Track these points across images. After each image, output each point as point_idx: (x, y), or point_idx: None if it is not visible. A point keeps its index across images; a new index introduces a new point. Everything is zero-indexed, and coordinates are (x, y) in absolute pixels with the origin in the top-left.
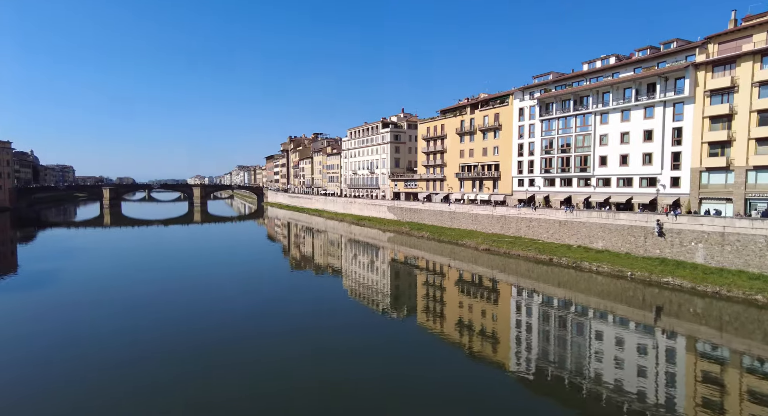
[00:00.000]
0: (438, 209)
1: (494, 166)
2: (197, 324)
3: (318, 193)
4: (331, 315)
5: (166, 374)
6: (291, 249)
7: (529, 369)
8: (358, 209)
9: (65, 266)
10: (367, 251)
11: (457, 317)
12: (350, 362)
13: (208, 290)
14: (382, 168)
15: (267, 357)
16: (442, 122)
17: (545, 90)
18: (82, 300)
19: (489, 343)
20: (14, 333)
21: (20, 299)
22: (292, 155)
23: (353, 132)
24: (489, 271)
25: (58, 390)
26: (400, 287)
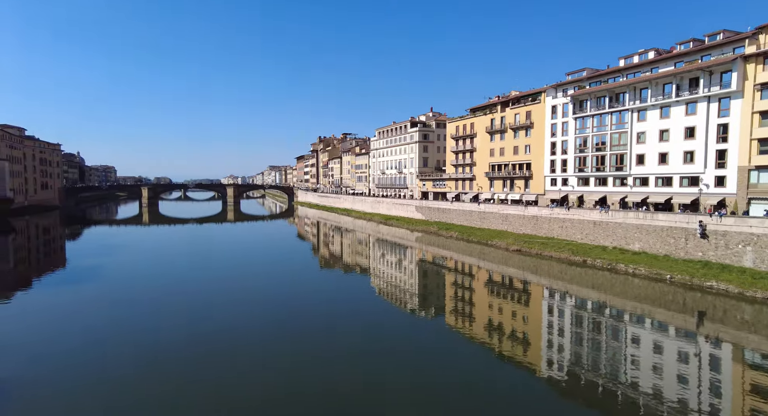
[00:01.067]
0: (467, 209)
1: (526, 165)
2: (228, 322)
3: (346, 192)
4: (359, 314)
5: (195, 372)
6: (320, 247)
7: (561, 373)
8: (386, 209)
9: (108, 262)
10: (394, 250)
11: (486, 318)
12: (377, 361)
13: (238, 288)
14: (410, 167)
15: (295, 355)
16: (471, 121)
17: (579, 87)
18: (122, 296)
19: (519, 345)
20: (58, 327)
21: (67, 293)
22: (322, 155)
23: (381, 132)
24: (520, 273)
25: (90, 384)
26: (428, 287)
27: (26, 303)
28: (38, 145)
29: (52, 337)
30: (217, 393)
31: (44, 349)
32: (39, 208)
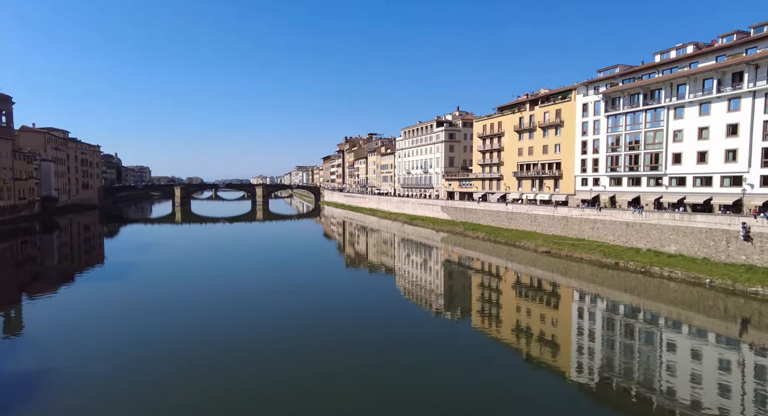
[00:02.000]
0: (494, 209)
1: (555, 165)
2: (256, 320)
3: (372, 192)
4: (384, 314)
5: (220, 370)
6: (346, 247)
7: (592, 378)
8: (411, 208)
9: (143, 260)
10: (420, 251)
11: (514, 320)
12: (402, 363)
13: (266, 287)
14: (436, 167)
15: (321, 356)
16: (499, 119)
17: (611, 84)
18: (155, 292)
19: (548, 349)
20: (97, 320)
21: (105, 288)
22: (348, 155)
23: (407, 131)
24: (549, 274)
25: (125, 374)
26: (454, 288)
27: (69, 297)
28: (80, 146)
29: (91, 330)
30: (241, 388)
31: (84, 341)
32: (80, 206)
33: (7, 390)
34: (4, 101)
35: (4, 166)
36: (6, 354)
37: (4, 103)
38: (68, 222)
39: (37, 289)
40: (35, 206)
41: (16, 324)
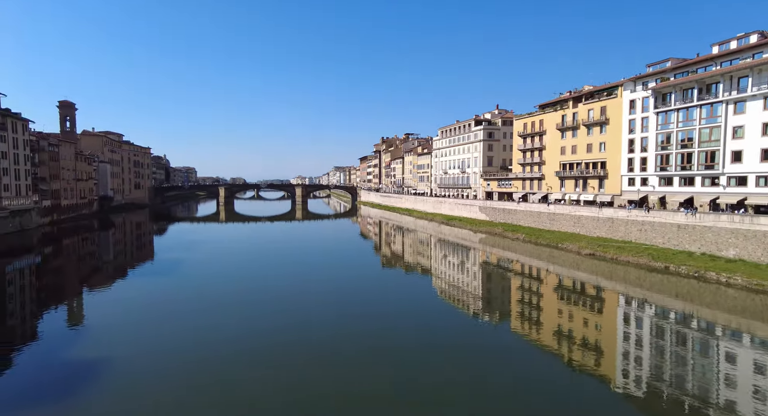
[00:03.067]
0: (535, 210)
1: (600, 164)
2: (295, 317)
3: (408, 192)
4: (421, 315)
5: (257, 363)
6: (382, 247)
7: (639, 388)
8: (448, 209)
9: (189, 256)
10: (457, 252)
11: (555, 325)
12: (440, 365)
13: (305, 285)
14: (474, 167)
15: (356, 356)
16: (540, 117)
17: (662, 79)
18: (201, 288)
19: (591, 355)
20: (148, 314)
21: (155, 283)
22: (384, 155)
23: (444, 131)
24: (593, 278)
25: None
26: (493, 290)
27: (122, 291)
28: (133, 149)
29: (141, 322)
30: (274, 391)
31: (135, 331)
32: (132, 205)
33: (70, 376)
34: (68, 107)
35: (67, 167)
36: (70, 342)
37: (68, 109)
38: (122, 221)
39: (96, 283)
40: (93, 205)
41: (78, 314)
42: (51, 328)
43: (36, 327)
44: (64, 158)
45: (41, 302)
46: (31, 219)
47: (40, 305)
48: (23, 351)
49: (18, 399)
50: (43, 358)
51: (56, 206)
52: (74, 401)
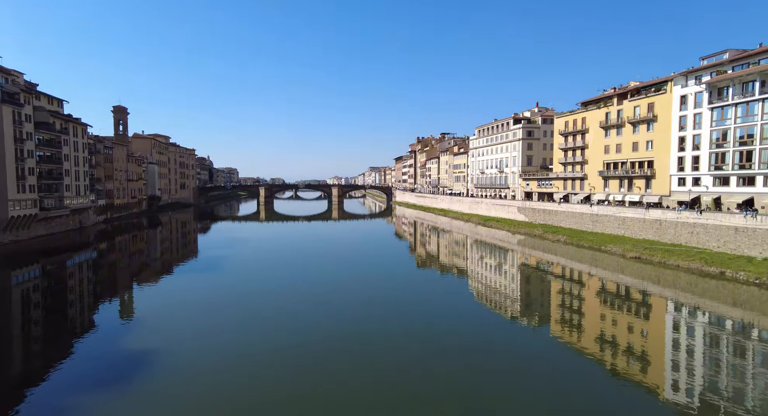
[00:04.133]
0: (577, 211)
1: (647, 163)
2: (328, 316)
3: (444, 192)
4: (456, 317)
5: (290, 366)
6: (417, 247)
7: (691, 400)
8: (485, 209)
9: (232, 254)
10: (494, 253)
11: (597, 330)
12: (479, 370)
13: (339, 284)
14: (513, 166)
15: (392, 358)
16: (582, 115)
17: (718, 72)
18: (242, 285)
19: (637, 363)
20: (192, 309)
21: (199, 280)
22: (419, 155)
23: (481, 130)
24: (638, 282)
25: (216, 358)
26: (531, 293)
27: (169, 287)
28: (179, 150)
29: (186, 316)
30: (305, 392)
31: (180, 327)
32: (178, 204)
33: (121, 365)
34: (121, 112)
35: (120, 168)
36: (122, 333)
37: (121, 114)
38: (168, 219)
39: (145, 278)
40: (143, 204)
41: (129, 308)
42: (106, 320)
43: (93, 318)
44: (117, 160)
45: (97, 295)
46: (88, 217)
47: (96, 297)
48: (83, 339)
49: (78, 383)
50: (99, 347)
51: (110, 205)
52: (124, 388)
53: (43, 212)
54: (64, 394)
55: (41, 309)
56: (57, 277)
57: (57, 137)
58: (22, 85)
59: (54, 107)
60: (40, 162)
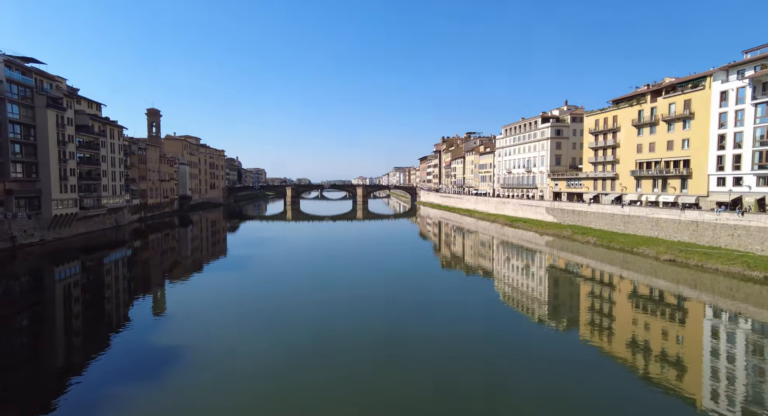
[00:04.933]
0: (608, 211)
1: (683, 162)
2: (352, 317)
3: (469, 192)
4: (482, 318)
5: (314, 365)
6: (441, 247)
7: (733, 411)
8: (512, 210)
9: (259, 253)
10: (521, 255)
11: (629, 335)
12: (506, 374)
13: (363, 284)
14: (541, 166)
15: (416, 361)
16: (614, 113)
17: (762, 66)
18: (270, 283)
19: (672, 370)
20: (222, 306)
21: (228, 277)
22: (444, 155)
23: (508, 129)
24: (673, 286)
25: (246, 353)
26: (560, 296)
27: (199, 284)
28: (209, 151)
29: (215, 313)
30: (329, 395)
31: (210, 321)
32: (208, 204)
33: (153, 359)
34: (155, 114)
35: (153, 169)
36: (154, 329)
37: (155, 116)
38: (199, 218)
39: (176, 275)
40: (174, 203)
41: (161, 304)
42: (139, 315)
43: (128, 313)
44: (150, 161)
45: (131, 291)
46: (123, 216)
47: (131, 293)
48: (119, 334)
49: (114, 375)
50: (133, 342)
51: (144, 204)
52: (155, 382)
53: (83, 211)
54: (102, 385)
55: (81, 303)
56: (95, 274)
57: (95, 139)
58: (64, 90)
59: (93, 110)
60: (80, 163)
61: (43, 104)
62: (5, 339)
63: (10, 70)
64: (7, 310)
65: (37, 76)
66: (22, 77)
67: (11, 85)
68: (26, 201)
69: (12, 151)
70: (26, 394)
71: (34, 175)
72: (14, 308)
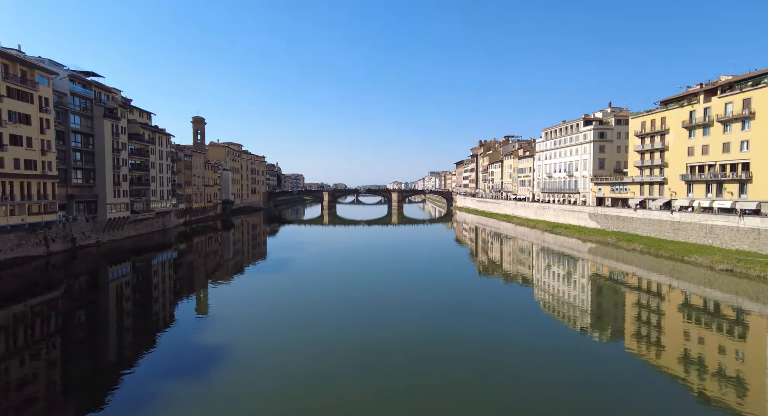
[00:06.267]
0: (655, 218)
1: (740, 165)
2: (388, 323)
3: (507, 197)
4: (521, 326)
5: (351, 368)
6: (478, 253)
7: None
8: (552, 215)
9: (298, 256)
10: (562, 262)
11: (681, 349)
12: (546, 381)
13: (399, 289)
14: (583, 170)
15: (454, 365)
16: (662, 115)
17: None
18: (307, 287)
19: (731, 388)
20: (262, 307)
21: (268, 279)
22: (481, 159)
23: (548, 132)
24: (731, 298)
25: (286, 354)
26: (604, 305)
27: (240, 286)
28: (250, 157)
29: (256, 313)
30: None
31: (251, 322)
32: (249, 208)
33: (196, 358)
34: (200, 122)
35: (198, 175)
36: (198, 328)
37: (199, 124)
38: (240, 222)
39: (219, 277)
40: (217, 208)
41: (204, 304)
42: (184, 315)
43: (173, 312)
44: (195, 167)
45: (177, 291)
46: (170, 219)
47: (176, 294)
48: (165, 332)
49: (161, 372)
50: (178, 340)
51: (189, 208)
52: (198, 379)
53: (134, 215)
54: (150, 381)
55: (131, 302)
56: (144, 274)
57: (146, 147)
58: (119, 100)
59: (144, 119)
60: (131, 169)
61: (101, 115)
62: (67, 335)
63: (74, 84)
64: (69, 306)
65: (96, 89)
66: (84, 90)
67: (74, 97)
68: (84, 205)
69: (74, 158)
70: (83, 387)
71: (92, 181)
72: (74, 305)
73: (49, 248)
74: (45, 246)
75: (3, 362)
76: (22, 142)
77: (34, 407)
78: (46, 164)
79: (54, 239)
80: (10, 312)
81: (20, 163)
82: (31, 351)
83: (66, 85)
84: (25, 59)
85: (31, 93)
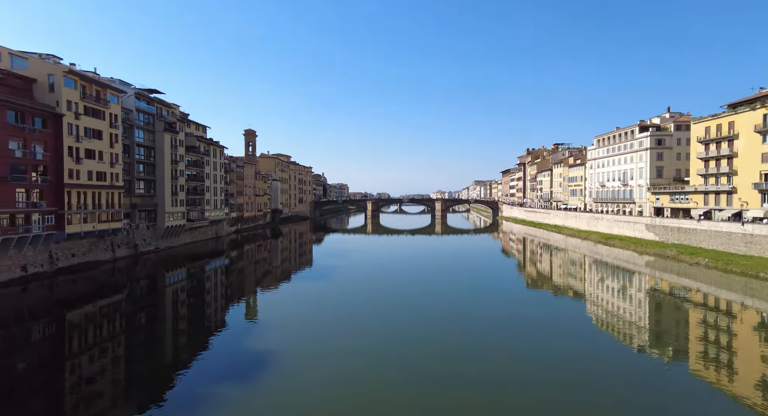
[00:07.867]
0: (723, 230)
1: None
2: (432, 334)
3: (557, 207)
4: (574, 342)
5: (396, 378)
6: (527, 265)
7: None
8: (606, 226)
9: (342, 264)
10: (617, 275)
11: (755, 374)
12: (602, 401)
13: (445, 301)
14: (639, 179)
15: (504, 382)
16: (730, 119)
17: None
18: (351, 294)
19: None
20: (308, 314)
21: (314, 287)
22: (529, 168)
23: (601, 139)
24: None
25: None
26: (663, 322)
27: (287, 292)
28: (298, 168)
29: (302, 322)
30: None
31: (297, 327)
32: (297, 217)
33: (245, 363)
34: (251, 135)
35: (249, 185)
36: (247, 333)
37: (251, 136)
38: (288, 231)
39: (267, 284)
40: (267, 217)
41: (254, 310)
42: (234, 320)
43: (224, 317)
44: (247, 177)
45: (228, 297)
46: (223, 228)
47: (227, 299)
48: (216, 336)
49: (212, 374)
50: (229, 344)
51: (240, 217)
52: (246, 383)
53: (189, 223)
54: (202, 383)
55: (186, 307)
56: (198, 280)
57: (201, 158)
58: (178, 115)
59: (199, 132)
60: (188, 180)
61: (162, 129)
62: (130, 335)
63: (138, 101)
64: (132, 308)
65: (158, 104)
66: (147, 106)
67: (139, 113)
68: (146, 213)
69: (137, 170)
70: (145, 385)
71: (152, 191)
72: (136, 307)
73: (115, 253)
74: (112, 251)
75: (76, 358)
76: (94, 155)
77: (102, 400)
78: (114, 176)
79: (119, 245)
80: (82, 312)
81: (93, 175)
82: (100, 349)
83: (132, 102)
84: (100, 80)
85: (103, 110)
